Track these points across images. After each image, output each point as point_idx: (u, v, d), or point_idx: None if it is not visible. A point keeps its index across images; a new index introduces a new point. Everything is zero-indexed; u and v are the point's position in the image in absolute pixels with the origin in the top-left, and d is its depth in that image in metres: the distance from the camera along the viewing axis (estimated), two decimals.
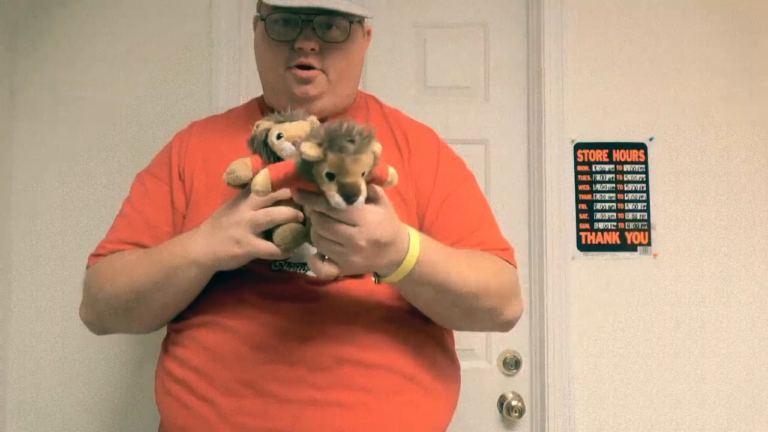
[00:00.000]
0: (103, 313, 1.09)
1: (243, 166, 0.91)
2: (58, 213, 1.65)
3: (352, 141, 0.74)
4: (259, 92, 1.25)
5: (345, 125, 0.75)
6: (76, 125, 1.67)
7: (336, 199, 0.76)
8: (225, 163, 0.97)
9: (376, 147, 0.79)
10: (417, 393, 1.02)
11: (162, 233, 1.09)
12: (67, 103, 1.67)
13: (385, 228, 0.86)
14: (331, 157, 0.74)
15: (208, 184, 1.10)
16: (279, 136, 0.91)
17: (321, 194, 0.79)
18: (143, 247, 1.09)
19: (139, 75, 1.68)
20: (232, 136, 1.12)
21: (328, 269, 0.87)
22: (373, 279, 0.96)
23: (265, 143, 0.93)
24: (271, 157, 0.92)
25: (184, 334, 1.05)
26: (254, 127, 0.97)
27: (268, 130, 0.93)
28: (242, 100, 1.68)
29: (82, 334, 1.60)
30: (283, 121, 0.93)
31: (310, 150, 0.75)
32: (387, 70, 1.74)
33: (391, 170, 0.89)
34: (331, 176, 0.75)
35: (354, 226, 0.83)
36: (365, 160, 0.76)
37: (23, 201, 1.65)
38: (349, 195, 0.76)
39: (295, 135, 0.89)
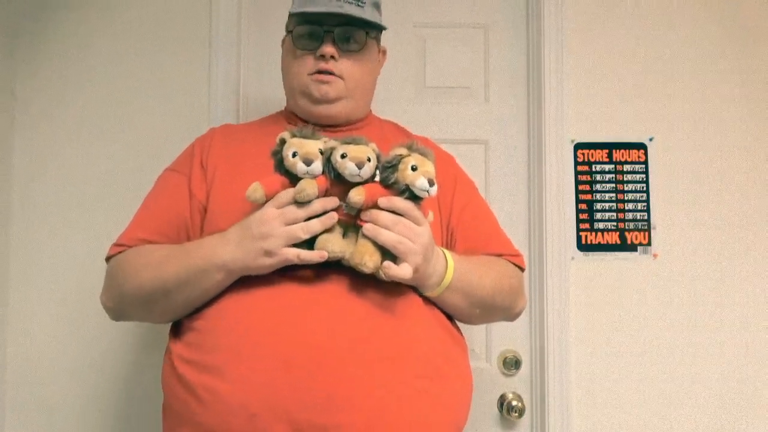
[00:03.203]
0: (126, 302, 1.14)
1: (311, 184, 1.01)
2: (56, 214, 1.65)
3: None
4: (258, 95, 1.27)
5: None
6: (75, 128, 1.67)
7: (422, 181, 1.00)
8: (249, 165, 1.09)
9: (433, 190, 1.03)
10: (440, 379, 1.05)
11: (182, 223, 1.16)
12: (67, 106, 1.68)
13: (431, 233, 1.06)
14: (415, 154, 1.02)
15: (231, 179, 1.15)
16: (343, 156, 1.00)
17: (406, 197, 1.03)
18: (165, 236, 1.15)
19: (138, 79, 1.69)
20: (257, 142, 1.20)
21: (404, 269, 0.99)
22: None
23: (329, 160, 1.02)
24: (332, 172, 1.02)
25: (195, 320, 1.07)
26: (278, 139, 1.04)
27: (333, 149, 1.02)
28: (240, 103, 1.69)
29: (79, 331, 1.63)
30: (349, 143, 1.02)
31: (400, 150, 1.03)
32: (387, 70, 1.72)
33: (430, 212, 1.09)
34: (414, 168, 1.01)
35: (420, 225, 1.02)
36: (432, 166, 1.03)
37: (22, 203, 1.66)
38: (431, 182, 1.00)
39: (358, 156, 1.00)
